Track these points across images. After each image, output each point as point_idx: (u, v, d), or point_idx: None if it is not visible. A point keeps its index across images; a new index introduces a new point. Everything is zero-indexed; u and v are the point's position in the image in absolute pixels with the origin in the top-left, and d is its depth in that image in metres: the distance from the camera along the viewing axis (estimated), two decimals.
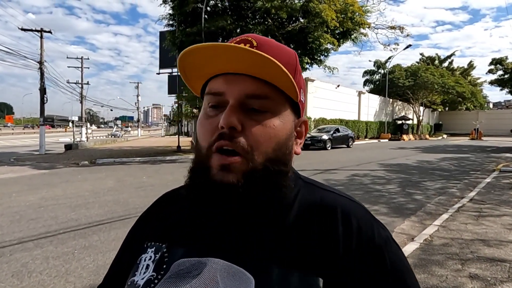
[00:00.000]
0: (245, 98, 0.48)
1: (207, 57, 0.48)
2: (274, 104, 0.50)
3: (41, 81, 17.51)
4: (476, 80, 51.22)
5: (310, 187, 0.57)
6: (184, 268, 0.49)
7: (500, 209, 5.62)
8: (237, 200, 0.48)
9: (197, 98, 15.98)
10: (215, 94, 0.50)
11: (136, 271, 0.53)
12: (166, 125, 59.80)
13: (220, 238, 0.50)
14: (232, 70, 0.49)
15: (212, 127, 0.49)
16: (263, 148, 0.49)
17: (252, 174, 0.48)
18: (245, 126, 0.48)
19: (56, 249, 3.82)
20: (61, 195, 6.77)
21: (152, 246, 0.55)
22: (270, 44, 0.52)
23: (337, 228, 0.49)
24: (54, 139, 29.19)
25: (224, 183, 0.47)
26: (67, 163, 12.53)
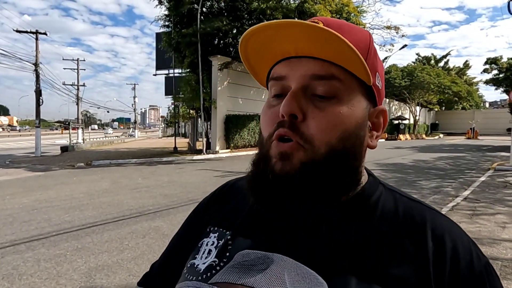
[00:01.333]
0: (308, 80, 0.45)
1: (268, 38, 0.45)
2: (342, 88, 0.45)
3: (36, 83, 17.45)
4: (472, 79, 51.51)
5: (393, 194, 0.51)
6: (249, 260, 0.46)
7: (494, 208, 5.64)
8: (295, 194, 0.45)
9: (194, 99, 16.03)
10: (277, 79, 0.47)
11: (196, 255, 0.51)
12: (163, 127, 59.73)
13: (290, 235, 0.47)
14: (294, 52, 0.46)
15: (274, 116, 0.46)
16: (326, 138, 0.44)
17: (312, 165, 0.44)
18: (307, 114, 0.44)
19: (48, 251, 3.79)
20: (55, 197, 6.74)
21: (215, 231, 0.53)
22: (340, 23, 0.47)
23: (427, 246, 0.44)
24: (51, 141, 29.08)
25: (282, 173, 0.44)
26: (62, 165, 12.48)
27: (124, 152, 17.41)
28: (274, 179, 0.45)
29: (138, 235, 4.32)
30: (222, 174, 9.80)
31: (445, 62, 49.96)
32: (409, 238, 0.45)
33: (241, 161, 13.17)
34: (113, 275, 3.18)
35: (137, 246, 3.94)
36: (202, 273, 0.47)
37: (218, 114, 16.10)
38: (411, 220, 0.47)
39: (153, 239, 4.19)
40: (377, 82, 0.48)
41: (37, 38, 18.01)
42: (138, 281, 0.64)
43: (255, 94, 18.15)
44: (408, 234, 0.45)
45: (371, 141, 0.50)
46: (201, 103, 15.16)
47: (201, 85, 15.03)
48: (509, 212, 5.30)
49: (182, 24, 15.87)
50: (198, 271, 0.48)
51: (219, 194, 0.61)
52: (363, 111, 0.47)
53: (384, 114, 0.51)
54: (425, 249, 0.44)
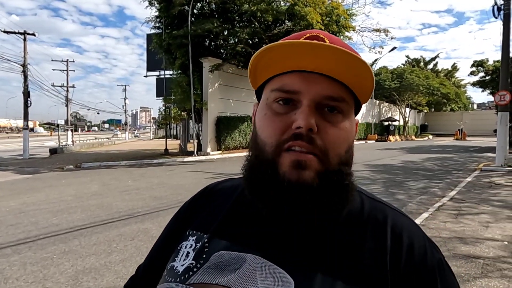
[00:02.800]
0: (321, 99, 0.47)
1: (287, 53, 0.47)
2: (347, 106, 0.49)
3: (24, 84, 17.21)
4: (460, 81, 52.38)
5: (360, 195, 0.55)
6: (224, 260, 0.49)
7: (478, 208, 5.76)
8: (311, 201, 0.46)
9: (185, 100, 15.98)
10: (289, 92, 0.48)
11: (176, 257, 0.54)
12: (154, 128, 59.30)
13: (262, 236, 0.50)
14: (311, 69, 0.47)
15: (283, 125, 0.47)
16: (337, 151, 0.48)
17: (328, 175, 0.47)
18: (320, 128, 0.47)
19: (35, 254, 3.76)
20: (43, 200, 6.67)
21: (194, 235, 0.55)
22: (341, 43, 0.49)
23: (386, 242, 0.48)
24: (39, 143, 28.66)
25: (300, 182, 0.46)
26: (51, 167, 12.33)
27: (115, 154, 17.26)
28: (289, 187, 0.46)
29: (127, 238, 4.31)
30: (213, 176, 9.79)
31: (434, 64, 50.73)
32: (371, 235, 0.49)
33: (232, 163, 13.18)
34: (101, 278, 3.17)
35: (126, 248, 3.93)
36: (180, 275, 0.50)
37: (209, 115, 16.10)
38: (374, 219, 0.51)
39: (141, 241, 4.18)
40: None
41: (25, 39, 17.77)
42: (124, 284, 0.67)
43: (246, 96, 18.19)
44: (370, 232, 0.49)
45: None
46: (192, 104, 15.13)
47: (192, 86, 15.01)
48: (493, 212, 5.42)
49: (173, 26, 15.84)
50: (177, 273, 0.51)
51: (199, 198, 0.64)
52: (355, 126, 0.53)
53: (357, 125, 0.56)
54: (384, 245, 0.48)
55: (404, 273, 0.46)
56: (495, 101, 12.06)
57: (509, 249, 3.79)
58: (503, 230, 4.47)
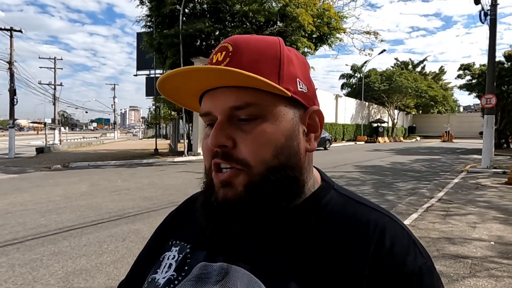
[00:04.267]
0: (230, 111, 0.46)
1: (183, 80, 0.48)
2: (262, 108, 0.46)
3: (10, 82, 16.85)
4: (447, 84, 53.29)
5: (344, 198, 0.52)
6: (206, 272, 0.48)
7: (466, 208, 5.88)
8: (243, 215, 0.47)
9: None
10: (205, 115, 0.49)
11: (158, 269, 0.52)
12: (144, 128, 58.76)
13: (241, 247, 0.49)
14: (211, 87, 0.48)
15: (209, 147, 0.48)
16: (259, 157, 0.46)
17: (253, 186, 0.46)
18: (236, 140, 0.46)
19: (23, 256, 3.69)
20: (30, 200, 6.54)
21: (177, 245, 0.54)
22: (248, 40, 0.49)
23: (368, 246, 0.45)
24: (25, 142, 28.08)
25: (225, 199, 0.47)
26: (38, 167, 12.10)
27: (103, 154, 17.03)
28: (219, 206, 0.47)
29: (118, 239, 4.26)
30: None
31: (422, 67, 51.52)
32: (352, 240, 0.46)
33: None
34: (92, 279, 3.13)
35: (117, 249, 3.89)
36: (161, 287, 0.49)
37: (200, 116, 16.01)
38: (357, 223, 0.48)
39: (133, 242, 4.14)
40: (299, 88, 0.49)
41: (11, 36, 17.40)
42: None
43: None
44: (352, 237, 0.46)
45: (309, 145, 0.51)
46: None
47: None
48: (479, 213, 5.54)
49: (164, 25, 15.72)
50: (158, 285, 0.50)
51: (183, 207, 0.63)
52: (290, 121, 0.48)
53: (319, 114, 0.52)
54: (366, 249, 0.45)
55: (381, 277, 0.43)
56: (481, 104, 12.32)
57: (496, 249, 3.88)
58: (489, 231, 4.57)
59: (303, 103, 0.49)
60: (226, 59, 0.47)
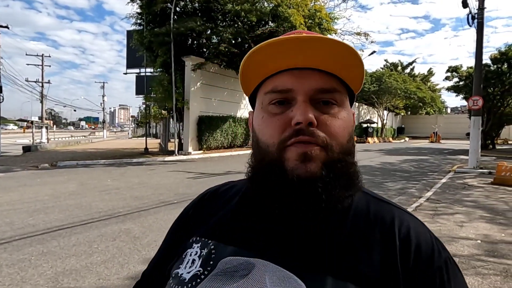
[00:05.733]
0: (314, 93, 0.48)
1: (276, 52, 0.48)
2: (340, 97, 0.51)
3: None
4: (435, 86, 54.21)
5: (366, 196, 0.55)
6: (232, 266, 0.48)
7: (453, 208, 5.99)
8: (321, 192, 0.47)
9: (166, 99, 15.78)
10: (282, 92, 0.49)
11: (180, 264, 0.53)
12: (133, 127, 58.16)
13: (270, 240, 0.49)
14: (301, 65, 0.49)
15: (282, 123, 0.48)
16: (339, 140, 0.49)
17: (333, 164, 0.48)
18: (319, 120, 0.48)
19: (11, 256, 3.62)
20: (17, 199, 6.42)
21: (198, 241, 0.55)
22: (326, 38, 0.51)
23: (395, 243, 0.48)
24: (11, 140, 27.51)
25: (308, 174, 0.47)
26: (25, 166, 11.87)
27: (92, 153, 16.80)
28: (299, 182, 0.47)
29: (108, 238, 4.22)
30: (194, 175, 9.72)
31: (411, 68, 52.25)
32: (379, 236, 0.49)
33: (214, 163, 13.11)
34: (82, 280, 3.09)
35: (107, 249, 3.85)
36: (187, 282, 0.49)
37: (191, 115, 15.94)
38: (381, 220, 0.51)
39: (123, 242, 4.11)
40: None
41: None
42: (137, 281, 0.66)
43: (229, 96, 18.15)
44: (379, 233, 0.49)
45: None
46: (174, 103, 14.96)
47: (173, 85, 14.84)
48: (466, 212, 5.66)
49: (155, 23, 15.61)
50: (183, 280, 0.50)
51: (200, 202, 0.63)
52: (352, 115, 0.54)
53: (354, 116, 0.57)
54: (394, 245, 0.48)
55: (413, 273, 0.46)
56: (468, 106, 12.55)
57: (482, 248, 3.97)
58: (476, 230, 4.67)
59: (352, 102, 0.56)
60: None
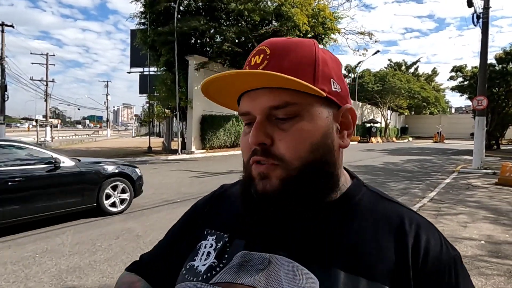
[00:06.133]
0: (268, 111, 0.49)
1: (225, 83, 0.50)
2: (299, 107, 0.49)
3: (1, 77, 16.62)
4: (439, 86, 53.93)
5: (374, 196, 0.56)
6: (247, 260, 0.50)
7: (456, 208, 5.97)
8: (279, 207, 0.49)
9: (169, 98, 15.81)
10: (244, 115, 0.52)
11: (195, 256, 0.55)
12: (137, 126, 58.34)
13: (283, 237, 0.51)
14: (254, 86, 0.50)
15: (248, 144, 0.51)
16: (296, 154, 0.49)
17: (289, 179, 0.49)
18: (274, 138, 0.49)
19: (15, 253, 3.65)
20: None
21: (213, 234, 0.56)
22: (286, 44, 0.51)
23: (406, 240, 0.49)
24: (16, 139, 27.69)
25: (264, 191, 0.49)
26: None
27: (96, 152, 16.88)
28: (258, 198, 0.50)
29: (111, 237, 4.24)
30: (197, 174, 9.74)
31: (415, 68, 52.03)
32: (388, 234, 0.50)
33: (216, 162, 13.13)
34: (86, 277, 3.11)
35: (110, 247, 3.87)
36: (202, 274, 0.51)
37: (194, 114, 15.98)
38: (390, 218, 0.52)
39: (126, 240, 4.13)
40: (333, 88, 0.51)
41: (2, 31, 17.16)
42: (126, 267, 0.67)
43: None
44: (388, 231, 0.50)
45: (343, 141, 0.54)
46: (177, 102, 14.99)
47: (177, 84, 14.87)
48: (470, 212, 5.63)
49: (159, 22, 15.64)
50: (198, 272, 0.52)
51: (215, 197, 0.65)
52: (325, 120, 0.50)
53: (351, 112, 0.54)
54: (405, 243, 0.49)
55: (423, 270, 0.47)
56: (472, 106, 12.49)
57: (486, 248, 3.95)
58: (479, 230, 4.65)
59: (336, 102, 0.52)
60: (264, 61, 0.50)
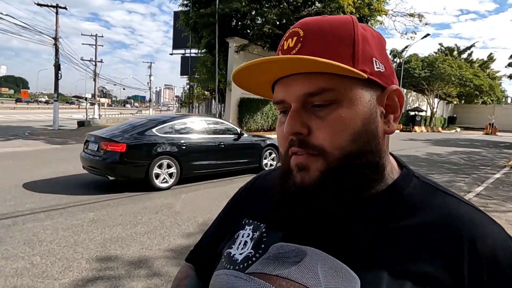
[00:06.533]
0: (304, 98, 0.46)
1: (256, 71, 0.47)
2: (337, 93, 0.45)
3: (56, 57, 17.70)
4: (495, 73, 49.76)
5: (427, 188, 0.50)
6: (283, 252, 0.48)
7: (506, 205, 5.58)
8: (319, 200, 0.46)
9: (209, 80, 16.03)
10: (278, 103, 0.49)
11: (233, 245, 0.54)
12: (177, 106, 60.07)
13: (322, 230, 0.48)
14: (283, 75, 0.47)
15: (284, 134, 0.48)
16: (336, 144, 0.45)
17: (330, 171, 0.45)
18: (311, 127, 0.46)
19: (66, 221, 3.97)
20: (72, 170, 6.97)
21: (250, 224, 0.56)
22: (320, 24, 0.47)
23: (462, 244, 0.43)
24: (67, 115, 29.66)
25: (302, 184, 0.47)
26: (79, 139, 12.76)
27: None
28: (296, 190, 0.47)
29: (151, 211, 4.47)
30: None
31: (469, 54, 48.27)
32: (443, 233, 0.44)
33: None
34: (127, 247, 3.32)
35: (150, 221, 4.08)
36: (239, 263, 0.51)
37: (232, 96, 16.11)
38: (446, 215, 0.45)
39: (165, 215, 4.33)
40: (376, 68, 0.46)
41: (57, 12, 18.15)
42: (185, 257, 0.70)
43: None
44: (442, 230, 0.44)
45: (388, 127, 0.49)
46: (216, 84, 15.18)
47: (217, 66, 15.01)
48: None
49: (201, 4, 15.74)
50: (235, 260, 0.51)
51: (253, 186, 0.64)
52: (367, 104, 0.46)
53: (398, 93, 0.49)
54: (460, 246, 0.43)
55: (487, 281, 0.41)
56: None
57: None
58: None
59: (380, 83, 0.47)
60: (297, 45, 0.46)
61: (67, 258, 3.05)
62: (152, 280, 2.74)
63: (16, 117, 26.61)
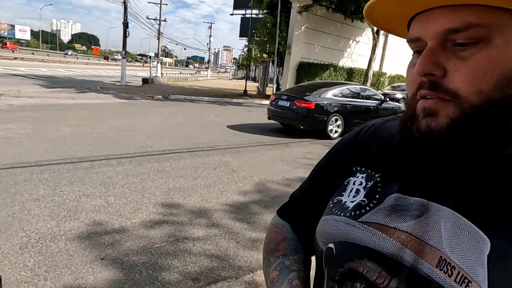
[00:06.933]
0: (444, 35, 0.40)
1: (391, 4, 0.43)
2: (488, 29, 0.38)
3: (124, 15, 18.48)
4: None
5: None
6: (402, 204, 0.45)
7: None
8: (445, 150, 0.42)
9: (268, 42, 15.73)
10: (413, 41, 0.44)
11: (343, 192, 0.52)
12: (234, 69, 60.47)
13: (447, 184, 0.43)
14: (423, 8, 0.42)
15: (414, 76, 0.44)
16: (476, 88, 0.39)
17: (463, 119, 0.39)
18: (448, 68, 0.40)
19: (135, 168, 4.31)
20: (138, 123, 7.47)
21: (363, 172, 0.52)
22: None
23: None
24: (133, 72, 31.44)
25: (428, 130, 0.42)
26: (143, 95, 13.56)
27: (197, 90, 18.23)
28: (420, 137, 0.43)
29: (210, 167, 4.67)
30: None
31: None
32: None
33: None
34: (188, 198, 3.54)
35: (209, 176, 4.28)
36: (350, 210, 0.48)
37: (291, 60, 15.70)
38: None
39: (223, 172, 4.50)
40: None
41: None
42: (277, 210, 0.67)
43: (333, 43, 17.17)
44: None
45: None
46: (276, 47, 14.84)
47: (278, 28, 14.59)
48: None
49: None
50: (346, 208, 0.49)
51: (364, 134, 0.59)
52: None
53: None
54: None
55: None
56: None
57: None
58: None
59: None
60: None
61: (136, 201, 3.34)
62: (211, 230, 2.91)
63: (89, 72, 28.86)
